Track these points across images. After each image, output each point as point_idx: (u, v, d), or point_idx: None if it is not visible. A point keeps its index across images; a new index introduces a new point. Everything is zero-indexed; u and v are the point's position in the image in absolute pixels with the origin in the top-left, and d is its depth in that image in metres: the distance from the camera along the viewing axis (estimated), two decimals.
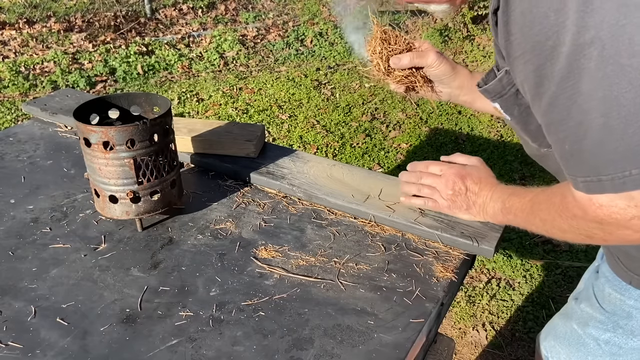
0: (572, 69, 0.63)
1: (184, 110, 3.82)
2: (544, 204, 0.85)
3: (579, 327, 1.04)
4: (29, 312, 0.94)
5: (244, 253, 1.08)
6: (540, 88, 0.69)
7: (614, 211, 0.68)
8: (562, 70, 0.64)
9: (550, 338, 1.13)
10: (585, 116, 0.65)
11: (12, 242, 1.10)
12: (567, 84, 0.65)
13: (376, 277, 1.02)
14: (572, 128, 0.67)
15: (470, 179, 1.07)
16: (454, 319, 2.20)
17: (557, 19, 0.63)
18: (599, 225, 0.72)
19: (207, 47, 4.84)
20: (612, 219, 0.69)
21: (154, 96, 1.19)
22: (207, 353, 0.86)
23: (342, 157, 3.27)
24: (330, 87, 4.18)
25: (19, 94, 3.95)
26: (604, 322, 0.98)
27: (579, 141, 0.67)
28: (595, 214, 0.71)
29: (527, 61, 0.70)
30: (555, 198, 0.81)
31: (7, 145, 1.47)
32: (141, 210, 1.11)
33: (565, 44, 0.63)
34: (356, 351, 0.86)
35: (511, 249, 2.51)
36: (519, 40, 0.69)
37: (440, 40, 4.82)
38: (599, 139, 0.65)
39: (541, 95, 0.69)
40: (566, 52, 0.63)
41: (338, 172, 1.31)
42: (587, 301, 1.03)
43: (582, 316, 1.03)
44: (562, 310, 1.15)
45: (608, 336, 0.98)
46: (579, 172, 0.70)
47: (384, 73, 1.12)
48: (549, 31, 0.64)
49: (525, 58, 0.70)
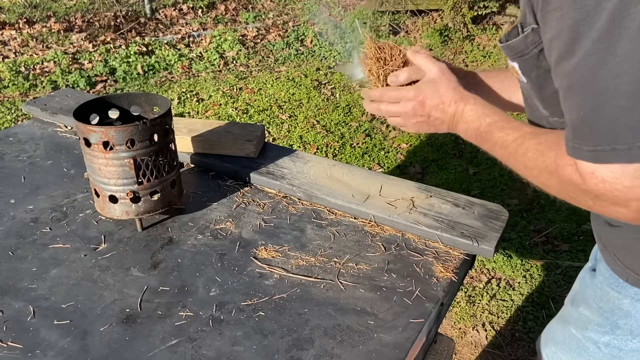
0: (613, 28, 0.61)
1: (184, 110, 3.82)
2: (532, 152, 0.81)
3: (578, 332, 1.03)
4: (29, 312, 0.94)
5: (244, 253, 1.08)
6: (573, 45, 0.66)
7: (617, 188, 0.66)
8: (601, 28, 0.62)
9: (550, 344, 1.11)
10: (614, 80, 0.62)
11: (12, 242, 1.10)
12: (602, 44, 0.62)
13: (376, 277, 1.02)
14: (594, 92, 0.65)
15: (429, 102, 0.97)
16: (454, 319, 2.20)
17: None
18: (594, 198, 0.70)
19: (207, 47, 4.84)
20: (612, 196, 0.67)
21: (154, 96, 1.19)
22: (207, 353, 0.86)
23: (342, 157, 3.27)
24: (330, 87, 4.18)
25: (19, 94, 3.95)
26: (602, 324, 0.97)
27: (599, 107, 0.65)
28: (595, 187, 0.68)
29: (563, 15, 0.66)
30: (550, 152, 0.77)
31: (7, 145, 1.47)
32: (141, 210, 1.11)
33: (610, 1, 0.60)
34: (356, 351, 0.86)
35: (511, 249, 2.51)
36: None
37: (440, 40, 4.82)
38: (626, 105, 0.62)
39: (572, 53, 0.66)
40: (610, 8, 0.61)
41: (338, 172, 1.31)
42: (584, 304, 1.02)
43: (580, 320, 1.02)
44: (559, 314, 1.14)
45: (607, 339, 0.97)
46: (588, 141, 0.67)
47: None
48: None
49: (563, 11, 0.66)
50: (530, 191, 2.85)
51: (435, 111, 0.97)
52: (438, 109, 0.97)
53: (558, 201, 0.82)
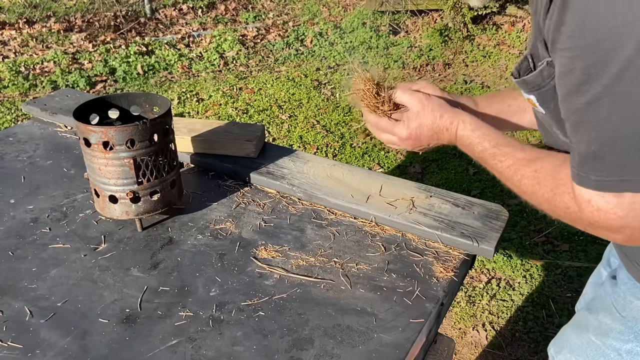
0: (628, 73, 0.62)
1: (184, 110, 3.82)
2: (528, 179, 0.83)
3: (597, 339, 1.02)
4: (29, 312, 0.94)
5: (244, 253, 1.08)
6: (584, 85, 0.67)
7: (611, 217, 0.70)
8: (615, 73, 0.63)
9: (565, 351, 1.10)
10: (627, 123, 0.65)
11: (12, 242, 1.10)
12: (616, 87, 0.64)
13: (376, 277, 1.02)
14: (607, 131, 0.67)
15: (424, 136, 1.01)
16: (454, 319, 2.20)
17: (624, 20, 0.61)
18: (589, 225, 0.74)
19: (207, 47, 4.84)
20: (606, 225, 0.71)
21: (154, 96, 1.19)
22: (207, 353, 0.86)
23: (342, 157, 3.27)
24: (330, 87, 4.18)
25: (19, 94, 3.95)
26: (625, 332, 0.96)
27: (610, 144, 0.67)
28: (590, 215, 0.72)
29: (576, 56, 0.67)
30: (546, 181, 0.80)
31: (7, 145, 1.47)
32: (141, 210, 1.11)
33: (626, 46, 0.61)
34: (356, 351, 0.86)
35: (511, 249, 2.51)
36: (573, 34, 0.67)
37: (440, 40, 4.82)
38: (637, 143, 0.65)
39: (582, 92, 0.68)
40: (626, 55, 0.62)
41: (338, 172, 1.31)
42: (604, 311, 1.01)
43: (601, 327, 1.01)
44: (573, 321, 1.13)
45: (630, 346, 0.96)
46: (595, 171, 0.70)
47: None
48: (611, 32, 0.62)
49: (575, 52, 0.67)
50: None
51: (432, 140, 1.02)
52: (433, 139, 1.01)
53: None
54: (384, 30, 5.08)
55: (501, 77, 4.35)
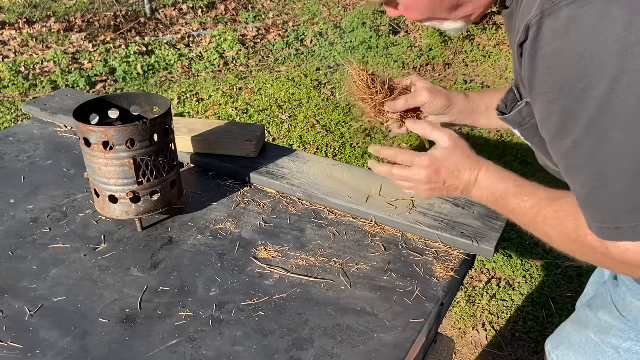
0: (604, 114, 0.61)
1: (184, 110, 3.82)
2: (552, 220, 0.81)
3: (597, 336, 1.02)
4: (29, 312, 0.94)
5: (244, 253, 1.08)
6: (564, 129, 0.67)
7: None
8: (592, 115, 0.62)
9: (563, 347, 1.10)
10: (613, 163, 0.63)
11: (12, 242, 1.10)
12: (594, 129, 0.63)
13: (376, 277, 1.02)
14: (594, 174, 0.66)
15: (445, 170, 0.97)
16: (454, 319, 2.20)
17: (592, 61, 0.60)
18: (620, 264, 0.72)
19: (207, 47, 4.84)
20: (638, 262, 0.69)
21: (154, 96, 1.19)
22: (207, 353, 0.86)
23: (342, 157, 3.27)
24: (330, 87, 4.18)
25: (19, 94, 3.95)
26: (626, 330, 0.97)
27: (600, 188, 0.66)
28: (621, 256, 0.70)
29: (551, 100, 0.67)
30: (569, 222, 0.77)
31: (7, 145, 1.47)
32: (141, 210, 1.11)
33: (598, 88, 0.61)
34: (356, 351, 0.86)
35: (511, 249, 2.51)
36: (546, 79, 0.67)
37: (440, 40, 4.82)
38: (627, 186, 0.64)
39: (564, 136, 0.68)
40: (599, 96, 0.61)
41: (338, 172, 1.31)
42: (604, 309, 1.01)
43: (600, 325, 1.01)
44: (573, 318, 1.13)
45: (629, 345, 0.96)
46: (594, 217, 0.69)
47: (375, 116, 1.12)
48: (582, 73, 0.62)
49: (550, 97, 0.67)
50: None
51: (451, 178, 0.97)
52: (453, 176, 0.97)
53: None
54: (384, 30, 5.08)
55: (501, 77, 4.34)
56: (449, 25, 0.89)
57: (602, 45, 0.60)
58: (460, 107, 1.11)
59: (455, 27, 0.89)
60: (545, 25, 0.64)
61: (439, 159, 0.98)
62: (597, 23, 0.60)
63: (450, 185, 0.98)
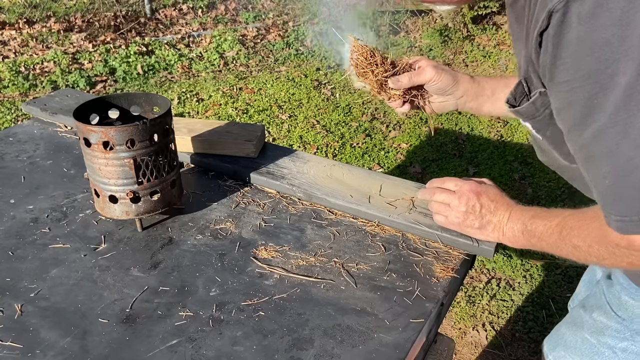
0: (631, 100, 0.61)
1: (184, 110, 3.82)
2: (576, 229, 0.81)
3: (592, 337, 1.02)
4: (29, 312, 0.94)
5: (244, 253, 1.08)
6: (587, 118, 0.66)
7: None
8: (618, 101, 0.61)
9: (559, 348, 1.10)
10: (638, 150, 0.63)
11: (12, 242, 1.10)
12: (620, 116, 0.62)
13: (376, 277, 1.02)
14: (619, 163, 0.65)
15: (486, 196, 1.02)
16: (454, 319, 2.20)
17: (620, 46, 0.60)
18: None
19: (207, 47, 4.84)
20: None
21: (154, 96, 1.19)
22: (207, 353, 0.86)
23: (342, 157, 3.27)
24: (330, 87, 4.18)
25: (19, 94, 3.95)
26: (621, 330, 0.96)
27: (625, 177, 0.65)
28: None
29: (575, 88, 0.66)
30: (592, 224, 0.77)
31: (7, 145, 1.47)
32: (141, 210, 1.11)
33: (625, 73, 0.60)
34: (356, 351, 0.86)
35: (511, 249, 2.51)
36: (570, 66, 0.65)
37: (440, 40, 4.82)
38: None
39: (586, 125, 0.66)
40: (626, 82, 0.60)
41: (338, 172, 1.31)
42: (599, 310, 1.01)
43: (596, 325, 1.01)
44: (567, 319, 1.13)
45: (625, 344, 0.96)
46: (614, 210, 0.68)
47: (378, 92, 1.11)
48: (609, 59, 0.61)
49: (574, 85, 0.66)
50: (530, 191, 2.85)
51: (489, 205, 1.02)
52: (491, 206, 1.02)
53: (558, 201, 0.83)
54: (384, 30, 5.08)
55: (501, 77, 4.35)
56: (440, 6, 0.89)
57: (631, 30, 0.59)
58: (465, 87, 1.10)
59: (446, 8, 0.90)
60: (571, 11, 0.63)
61: (482, 186, 1.04)
62: (626, 7, 0.59)
63: (487, 211, 1.02)
